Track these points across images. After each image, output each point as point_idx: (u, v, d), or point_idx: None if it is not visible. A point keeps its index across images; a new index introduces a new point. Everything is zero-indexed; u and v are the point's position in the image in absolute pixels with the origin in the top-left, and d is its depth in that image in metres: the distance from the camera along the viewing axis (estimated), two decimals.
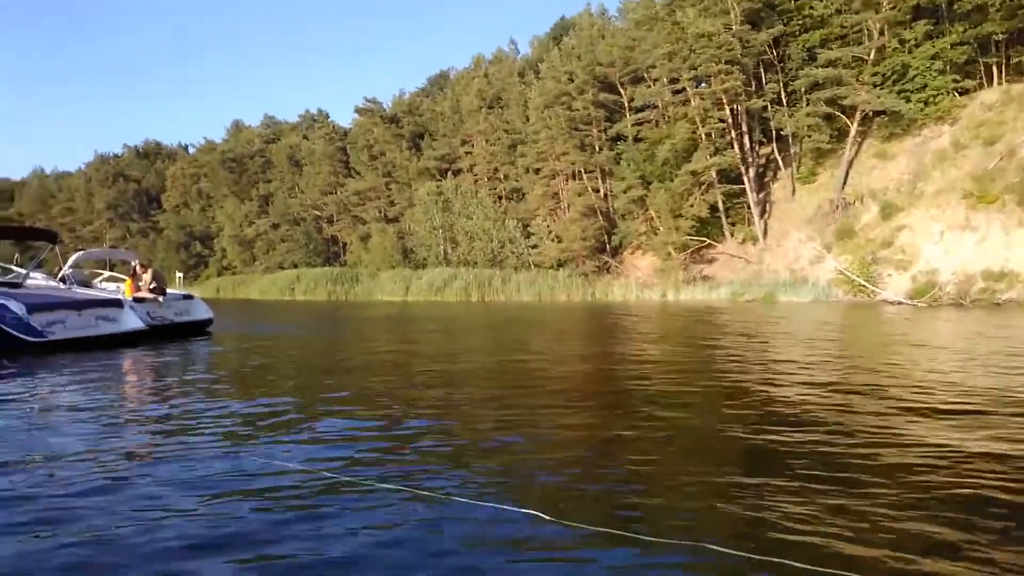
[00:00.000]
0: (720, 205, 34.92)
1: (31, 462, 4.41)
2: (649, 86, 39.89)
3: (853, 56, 31.34)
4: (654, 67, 37.60)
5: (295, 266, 53.97)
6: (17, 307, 10.97)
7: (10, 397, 6.97)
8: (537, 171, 44.43)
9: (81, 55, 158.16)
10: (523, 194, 46.35)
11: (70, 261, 15.19)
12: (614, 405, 6.63)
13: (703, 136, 35.06)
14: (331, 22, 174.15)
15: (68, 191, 76.22)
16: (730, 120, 34.34)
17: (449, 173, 50.22)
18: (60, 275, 14.62)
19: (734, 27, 32.73)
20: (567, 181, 43.05)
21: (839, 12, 32.39)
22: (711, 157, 33.65)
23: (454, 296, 37.68)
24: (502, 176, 48.15)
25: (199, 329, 14.73)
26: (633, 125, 40.61)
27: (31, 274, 14.49)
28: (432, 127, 53.88)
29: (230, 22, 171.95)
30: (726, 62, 32.43)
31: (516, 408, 6.23)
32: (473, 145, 49.70)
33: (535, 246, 42.23)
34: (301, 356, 11.56)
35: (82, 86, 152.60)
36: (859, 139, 32.74)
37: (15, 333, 10.72)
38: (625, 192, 37.93)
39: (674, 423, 5.61)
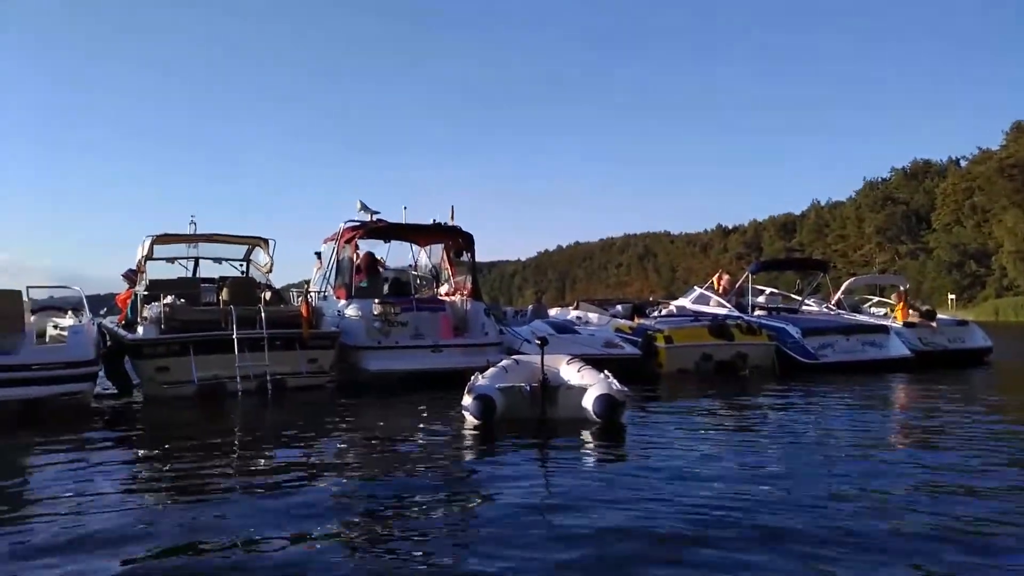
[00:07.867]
0: None
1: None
2: None
3: None
4: None
5: None
6: (794, 331, 12.27)
7: (793, 411, 7.85)
8: None
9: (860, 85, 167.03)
10: None
11: (842, 287, 16.10)
12: None
13: None
14: None
15: (840, 219, 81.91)
16: None
17: None
18: (833, 300, 15.61)
19: None
20: None
21: None
22: None
23: None
24: None
25: (975, 358, 13.42)
26: None
27: (805, 300, 15.88)
28: None
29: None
30: None
31: None
32: None
33: None
34: None
35: (847, 116, 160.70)
36: None
37: (793, 354, 11.97)
38: None
39: None
